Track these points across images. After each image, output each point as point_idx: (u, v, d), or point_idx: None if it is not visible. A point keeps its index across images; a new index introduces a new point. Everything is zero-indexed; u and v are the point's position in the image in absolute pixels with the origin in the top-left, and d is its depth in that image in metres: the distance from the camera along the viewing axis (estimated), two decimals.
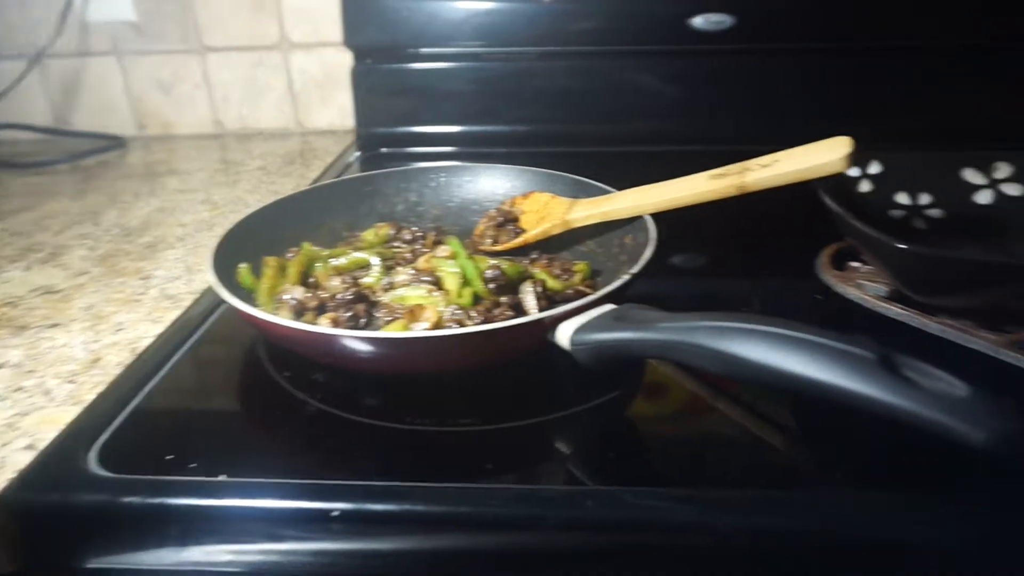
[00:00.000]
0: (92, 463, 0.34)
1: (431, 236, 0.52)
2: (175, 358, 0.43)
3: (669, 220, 0.46)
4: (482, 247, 0.53)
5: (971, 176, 0.50)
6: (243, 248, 0.47)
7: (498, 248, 0.52)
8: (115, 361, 0.44)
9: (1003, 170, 0.49)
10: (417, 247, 0.51)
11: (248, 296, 0.45)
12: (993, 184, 0.49)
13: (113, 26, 0.87)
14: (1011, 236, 0.48)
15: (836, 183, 0.48)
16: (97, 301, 0.52)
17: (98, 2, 0.86)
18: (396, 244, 0.53)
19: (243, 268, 0.45)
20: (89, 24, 0.87)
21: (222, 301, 0.39)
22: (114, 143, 0.90)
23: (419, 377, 0.40)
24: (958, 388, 0.26)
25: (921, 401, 0.26)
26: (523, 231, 0.52)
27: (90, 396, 0.40)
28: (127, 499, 0.32)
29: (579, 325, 0.36)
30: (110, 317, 0.49)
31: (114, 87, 0.91)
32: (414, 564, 0.32)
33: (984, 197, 0.49)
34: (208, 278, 0.41)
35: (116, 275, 0.56)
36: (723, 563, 0.32)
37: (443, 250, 0.47)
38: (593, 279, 0.48)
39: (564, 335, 0.37)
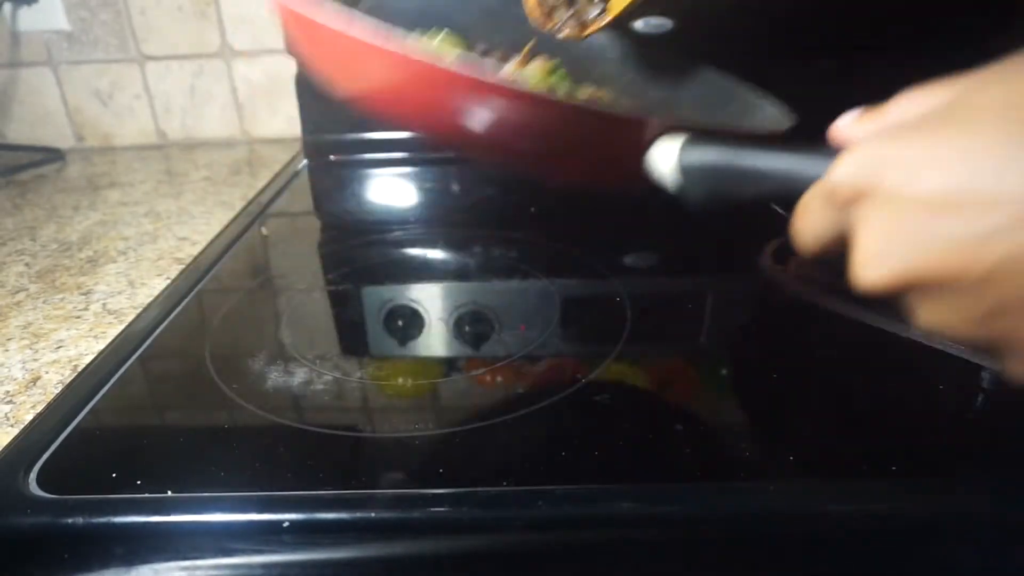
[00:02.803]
0: (32, 485, 0.33)
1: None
2: (118, 374, 0.42)
3: (617, 222, 0.47)
4: (550, 28, 0.41)
5: None
6: None
7: (587, 32, 0.41)
8: (55, 379, 0.43)
9: None
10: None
11: None
12: None
13: (45, 35, 0.85)
14: None
15: None
16: (35, 319, 0.50)
17: (28, 11, 0.83)
18: None
19: None
20: (20, 34, 0.84)
21: (167, 315, 0.39)
22: (52, 156, 0.87)
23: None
24: None
25: None
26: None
27: (28, 416, 0.39)
28: (69, 520, 0.31)
29: (686, 140, 0.29)
30: (49, 335, 0.48)
31: (50, 98, 0.88)
32: (367, 572, 0.32)
33: None
34: None
35: (55, 291, 0.54)
36: (678, 554, 0.32)
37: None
38: None
39: (666, 153, 0.30)
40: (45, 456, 0.35)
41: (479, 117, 0.30)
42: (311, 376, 0.41)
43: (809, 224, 0.27)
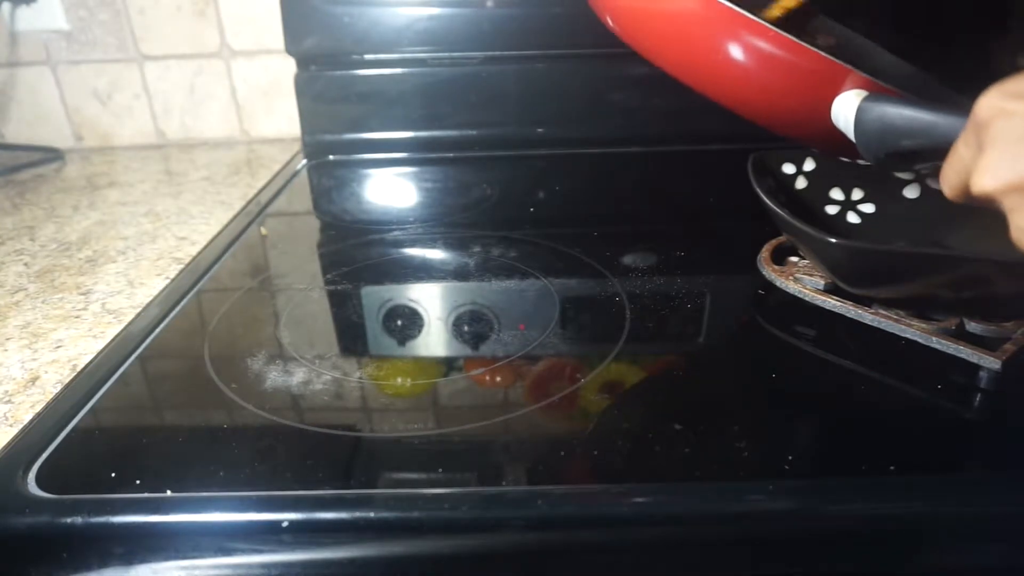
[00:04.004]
0: (30, 484, 0.33)
1: None
2: (117, 374, 0.42)
3: (617, 223, 0.47)
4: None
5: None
6: None
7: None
8: (54, 379, 0.42)
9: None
10: None
11: None
12: (920, 178, 0.51)
13: (44, 35, 0.84)
14: (938, 228, 0.50)
15: (774, 181, 0.50)
16: (34, 318, 0.50)
17: (27, 11, 0.83)
18: None
19: None
20: (18, 34, 0.84)
21: (166, 314, 0.39)
22: (51, 155, 0.87)
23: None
24: None
25: None
26: None
27: (27, 416, 0.39)
28: (68, 519, 0.31)
29: (868, 94, 0.33)
30: (48, 334, 0.48)
31: (49, 98, 0.88)
32: (367, 572, 0.32)
33: (912, 191, 0.51)
34: None
35: (54, 291, 0.54)
36: (678, 554, 0.32)
37: None
38: None
39: (849, 103, 0.33)
40: (44, 456, 0.35)
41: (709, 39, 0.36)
42: (310, 376, 0.41)
43: (954, 164, 0.31)
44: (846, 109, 0.33)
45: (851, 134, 0.34)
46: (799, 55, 0.35)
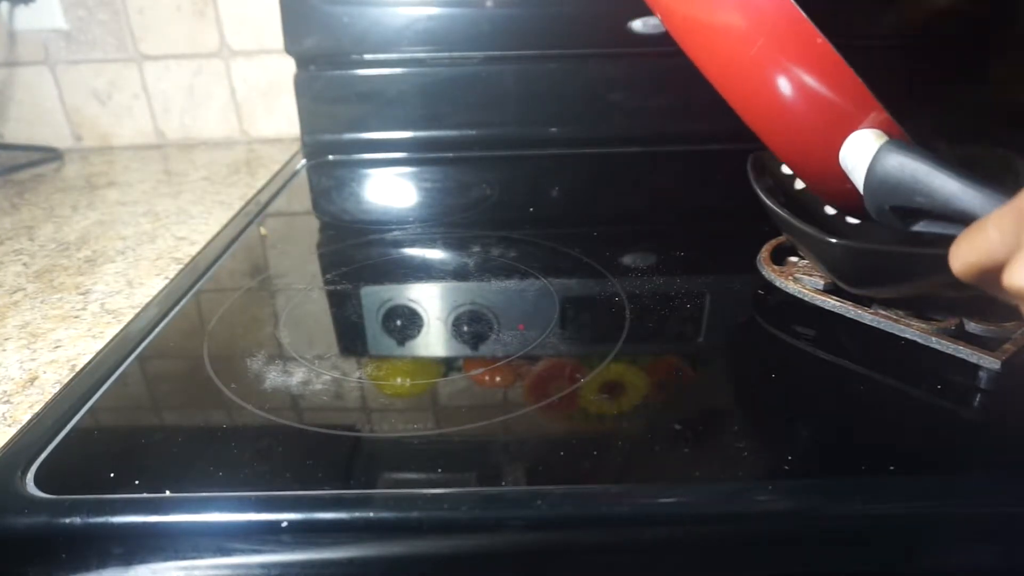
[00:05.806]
0: (29, 485, 0.33)
1: None
2: (116, 374, 0.42)
3: (616, 223, 0.47)
4: None
5: None
6: None
7: None
8: (53, 379, 0.42)
9: None
10: None
11: None
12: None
13: (43, 35, 0.84)
14: None
15: (773, 181, 0.50)
16: (33, 318, 0.50)
17: (25, 10, 0.83)
18: None
19: None
20: (17, 33, 0.84)
21: (165, 314, 0.39)
22: (50, 155, 0.87)
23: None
24: None
25: None
26: None
27: (26, 416, 0.39)
28: (66, 520, 0.31)
29: (888, 140, 0.30)
30: (47, 334, 0.48)
31: (48, 98, 0.88)
32: (366, 572, 0.32)
33: None
34: None
35: (53, 291, 0.54)
36: (677, 554, 0.32)
37: None
38: None
39: (866, 145, 0.30)
40: (43, 456, 0.35)
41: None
42: (310, 376, 0.41)
43: (978, 243, 0.28)
44: (860, 148, 0.30)
45: (858, 175, 0.31)
46: (834, 71, 0.31)
